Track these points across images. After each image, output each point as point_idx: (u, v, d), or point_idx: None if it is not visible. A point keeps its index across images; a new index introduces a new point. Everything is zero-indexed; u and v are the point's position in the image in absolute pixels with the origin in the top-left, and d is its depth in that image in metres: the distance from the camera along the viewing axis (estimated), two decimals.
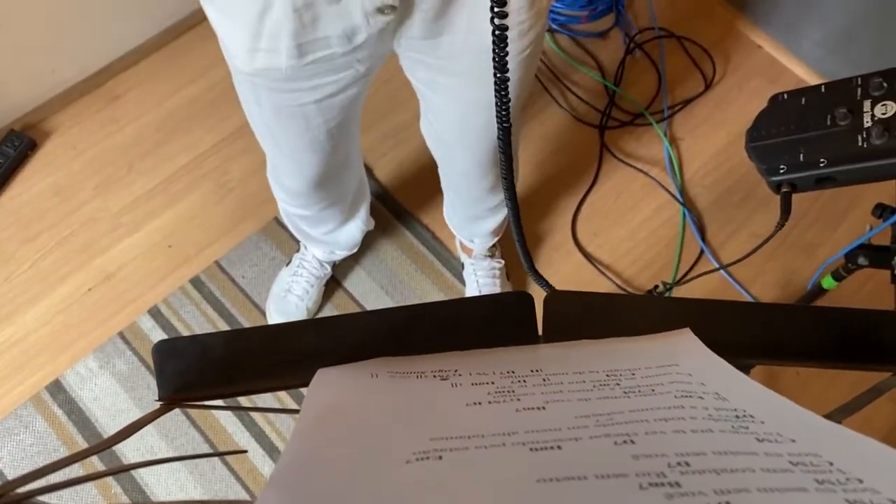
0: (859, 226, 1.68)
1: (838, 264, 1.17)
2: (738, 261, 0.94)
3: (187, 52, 1.83)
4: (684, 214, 1.69)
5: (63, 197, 1.66)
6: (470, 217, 1.41)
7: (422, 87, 0.95)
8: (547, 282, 0.67)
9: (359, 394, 0.40)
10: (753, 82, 1.81)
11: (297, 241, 1.58)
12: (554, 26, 1.89)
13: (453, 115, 1.00)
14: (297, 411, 0.41)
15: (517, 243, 0.77)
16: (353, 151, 1.15)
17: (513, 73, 0.88)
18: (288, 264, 1.58)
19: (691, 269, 1.64)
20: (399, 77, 0.95)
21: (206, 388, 0.46)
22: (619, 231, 1.68)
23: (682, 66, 1.86)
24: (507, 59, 0.67)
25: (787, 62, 1.83)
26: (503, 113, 0.70)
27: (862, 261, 1.05)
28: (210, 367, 0.46)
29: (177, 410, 0.78)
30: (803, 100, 0.84)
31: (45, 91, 1.71)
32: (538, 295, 0.47)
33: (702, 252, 1.65)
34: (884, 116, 0.78)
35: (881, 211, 1.00)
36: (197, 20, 1.85)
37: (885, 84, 0.79)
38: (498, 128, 0.74)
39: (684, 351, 0.43)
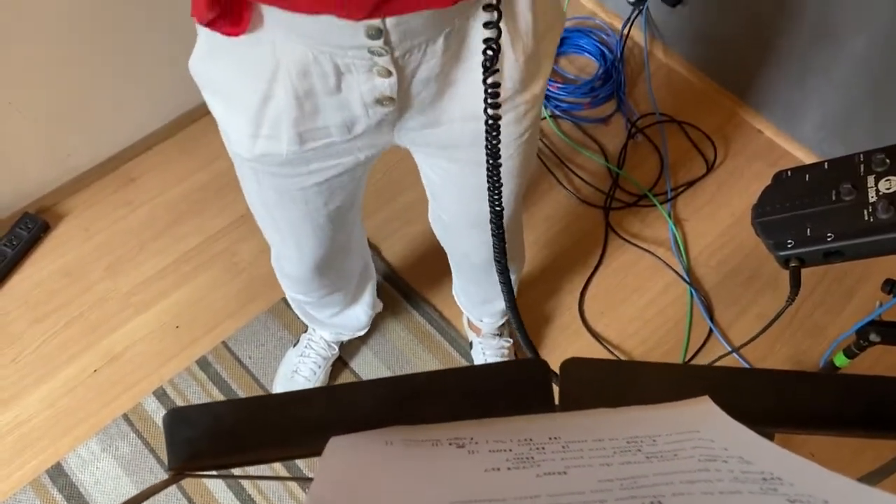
0: (866, 304, 1.67)
1: (850, 341, 1.16)
2: (750, 341, 0.93)
3: (201, 137, 1.88)
4: (692, 294, 1.69)
5: (73, 278, 1.67)
6: (481, 299, 1.41)
7: (428, 172, 0.97)
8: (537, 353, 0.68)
9: (375, 461, 0.40)
10: (755, 165, 1.84)
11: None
12: (557, 112, 1.94)
13: (458, 201, 1.01)
14: (309, 479, 0.41)
15: (514, 323, 0.78)
16: (353, 237, 1.16)
17: (513, 157, 0.90)
18: (295, 345, 1.57)
19: (701, 348, 1.63)
20: (405, 162, 0.97)
21: (216, 457, 0.46)
22: (627, 311, 1.68)
23: (683, 149, 1.90)
24: (500, 147, 0.69)
25: (787, 146, 1.87)
26: (495, 197, 0.72)
27: (874, 337, 1.05)
28: (221, 436, 0.46)
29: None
30: (807, 176, 0.86)
31: (60, 175, 1.75)
32: (555, 362, 0.46)
33: (710, 332, 1.64)
34: (888, 191, 0.79)
35: (891, 287, 1.00)
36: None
37: (887, 160, 0.81)
38: (490, 210, 0.75)
39: (705, 418, 0.42)
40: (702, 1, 1.84)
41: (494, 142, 0.68)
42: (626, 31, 2.00)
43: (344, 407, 0.46)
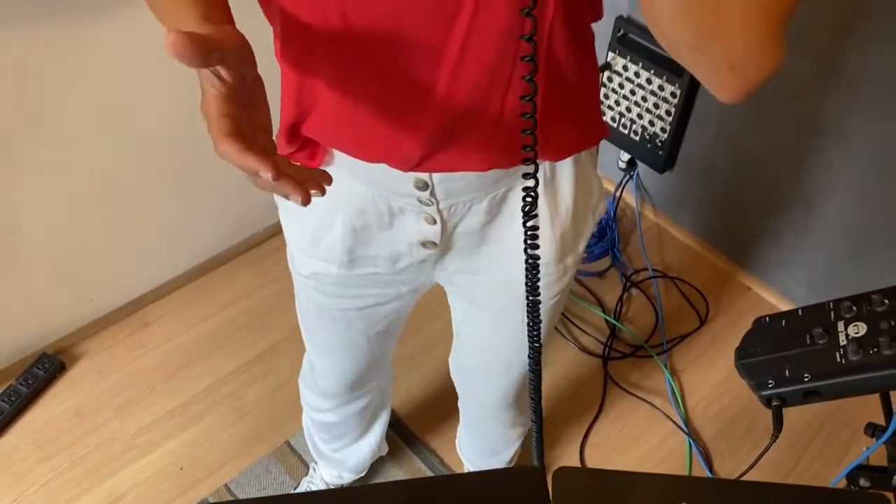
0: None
1: (842, 486, 1.18)
2: (742, 474, 0.97)
3: (213, 286, 1.98)
4: (690, 445, 1.71)
5: (83, 418, 1.71)
6: (486, 451, 1.44)
7: (458, 315, 1.05)
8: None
9: None
10: (745, 319, 1.92)
11: (306, 465, 1.60)
12: None
13: (481, 348, 1.08)
14: None
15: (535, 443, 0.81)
16: (386, 360, 1.23)
17: (541, 316, 0.98)
18: (296, 488, 1.58)
19: None
20: (415, 306, 1.05)
21: None
22: (628, 460, 1.69)
23: (676, 303, 1.98)
24: (539, 284, 0.75)
25: (774, 301, 1.96)
26: (534, 333, 0.77)
27: (864, 482, 1.07)
28: None
29: None
30: (784, 322, 0.94)
31: (82, 317, 1.83)
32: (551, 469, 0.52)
33: None
34: (857, 336, 0.86)
35: (873, 430, 1.04)
36: (228, 258, 2.02)
37: (854, 308, 0.89)
38: (529, 347, 0.81)
39: None
40: (688, 168, 2.00)
41: (534, 279, 0.74)
42: (618, 194, 2.15)
43: None
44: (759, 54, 0.49)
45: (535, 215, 0.66)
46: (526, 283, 0.73)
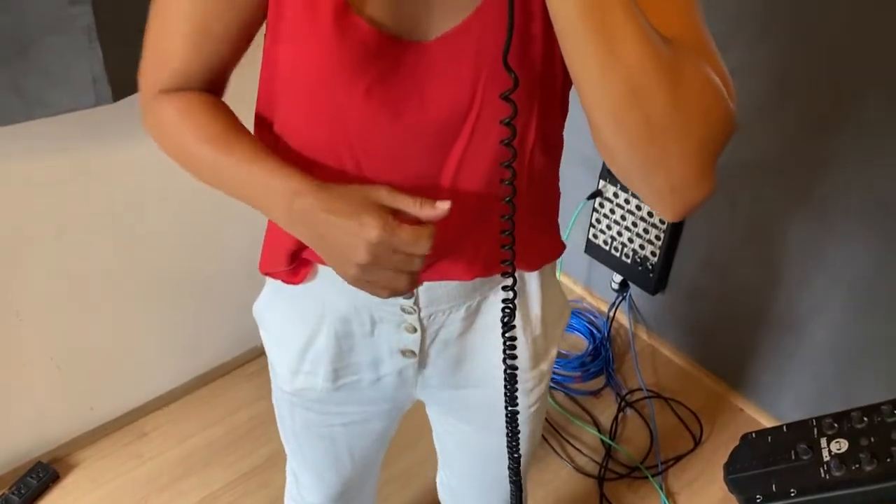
0: None
1: None
2: None
3: (211, 399, 2.00)
4: None
5: None
6: None
7: (443, 434, 1.08)
8: None
9: None
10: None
11: None
12: (551, 384, 2.08)
13: (467, 464, 1.10)
14: None
15: None
16: (372, 474, 1.23)
17: (522, 426, 1.01)
18: None
19: None
20: (403, 425, 1.08)
21: None
22: None
23: (671, 424, 2.00)
24: (517, 394, 0.80)
25: (766, 422, 1.98)
26: (513, 444, 0.81)
27: None
28: None
29: None
30: (770, 438, 0.97)
31: (80, 426, 1.84)
32: None
33: None
34: (839, 452, 0.90)
35: None
36: (228, 369, 2.06)
37: (835, 424, 0.93)
38: (508, 458, 0.84)
39: None
40: (679, 290, 2.08)
41: (512, 389, 0.79)
42: (611, 315, 2.21)
43: None
44: (695, 183, 0.58)
45: (514, 326, 0.72)
46: (505, 393, 0.78)
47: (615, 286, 2.18)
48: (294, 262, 0.84)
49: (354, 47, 0.65)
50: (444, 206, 0.63)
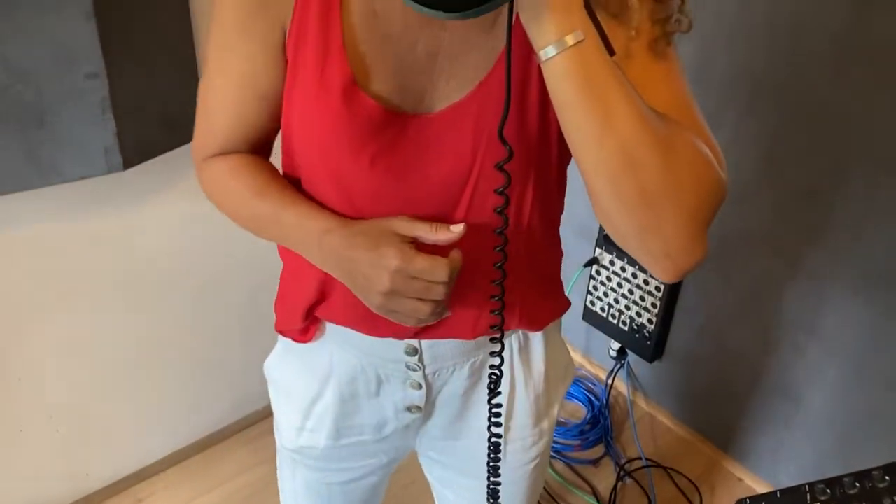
0: None
1: None
2: None
3: (213, 462, 1.99)
4: None
5: None
6: None
7: (438, 485, 1.09)
8: None
9: None
10: None
11: None
12: (550, 453, 2.07)
13: None
14: None
15: None
16: None
17: (520, 481, 1.03)
18: None
19: None
20: (404, 483, 1.09)
21: None
22: None
23: (671, 494, 1.98)
24: (500, 466, 0.82)
25: (765, 490, 1.96)
26: None
27: None
28: None
29: None
30: (763, 503, 0.98)
31: (76, 492, 1.83)
32: None
33: None
34: None
35: None
36: (226, 435, 2.05)
37: (828, 490, 0.94)
38: None
39: None
40: (676, 359, 2.09)
41: (495, 462, 0.81)
42: (610, 382, 2.21)
43: None
44: (688, 248, 0.62)
45: (499, 392, 0.74)
46: (488, 463, 0.79)
47: (613, 353, 2.19)
48: (307, 321, 0.87)
49: (360, 121, 0.70)
50: (457, 229, 0.68)
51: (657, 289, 1.94)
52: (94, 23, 1.28)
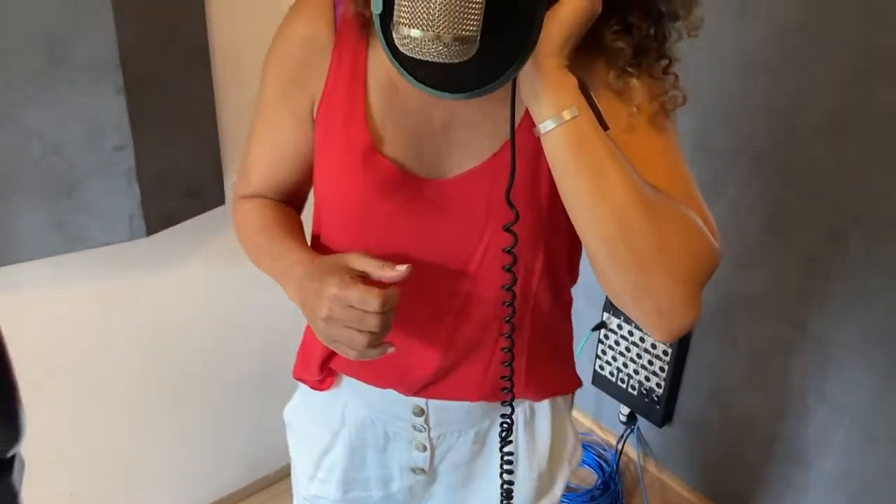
0: None
1: None
2: None
3: None
4: None
5: None
6: None
7: None
8: None
9: None
10: None
11: None
12: None
13: None
14: None
15: None
16: None
17: None
18: None
19: None
20: None
21: None
22: None
23: None
24: None
25: None
26: None
27: None
28: None
29: None
30: None
31: None
32: None
33: None
34: None
35: None
36: (239, 498, 2.05)
37: None
38: None
39: None
40: (686, 423, 2.09)
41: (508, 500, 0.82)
42: (620, 447, 2.21)
43: None
44: (682, 309, 0.66)
45: (510, 441, 0.77)
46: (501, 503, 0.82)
47: (623, 418, 2.19)
48: (323, 372, 0.91)
49: (378, 181, 0.77)
50: (401, 269, 0.71)
51: (664, 353, 1.96)
52: (123, 97, 1.36)
